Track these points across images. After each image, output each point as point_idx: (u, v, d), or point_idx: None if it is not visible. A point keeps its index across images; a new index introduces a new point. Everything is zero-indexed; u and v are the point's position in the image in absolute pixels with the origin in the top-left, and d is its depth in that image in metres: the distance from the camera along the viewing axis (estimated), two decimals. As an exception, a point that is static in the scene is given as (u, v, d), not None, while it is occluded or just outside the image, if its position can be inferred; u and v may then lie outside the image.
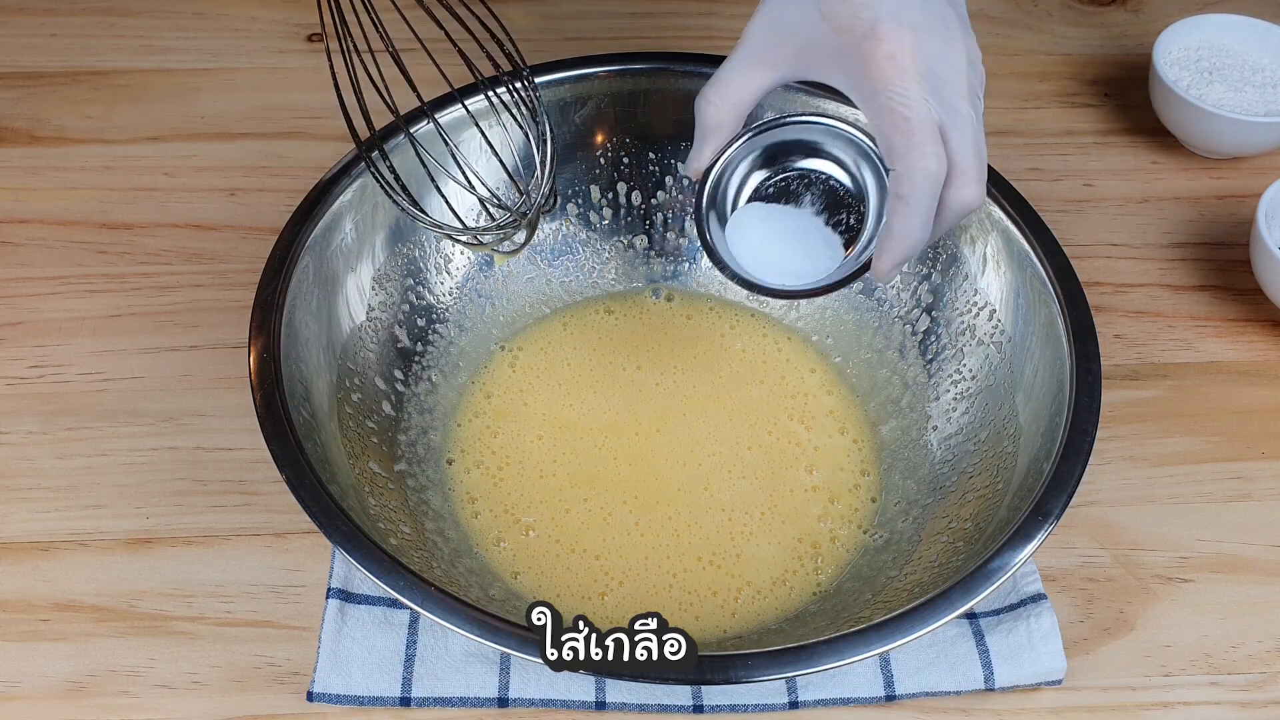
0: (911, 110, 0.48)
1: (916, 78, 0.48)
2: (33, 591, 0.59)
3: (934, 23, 0.49)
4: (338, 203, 0.61)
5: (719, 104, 0.54)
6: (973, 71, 0.50)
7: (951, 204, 0.50)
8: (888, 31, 0.49)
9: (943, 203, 0.50)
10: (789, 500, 0.62)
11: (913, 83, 0.48)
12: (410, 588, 0.49)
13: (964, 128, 0.49)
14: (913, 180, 0.49)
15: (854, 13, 0.49)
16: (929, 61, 0.48)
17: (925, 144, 0.48)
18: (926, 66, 0.48)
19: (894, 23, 0.49)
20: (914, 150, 0.48)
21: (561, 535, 0.60)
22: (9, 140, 0.79)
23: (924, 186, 0.49)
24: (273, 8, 0.89)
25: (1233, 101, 0.78)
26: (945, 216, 0.51)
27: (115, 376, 0.67)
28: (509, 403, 0.65)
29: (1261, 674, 0.58)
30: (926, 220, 0.50)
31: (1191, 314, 0.73)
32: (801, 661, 0.48)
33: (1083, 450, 0.54)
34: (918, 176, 0.49)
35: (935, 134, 0.48)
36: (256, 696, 0.56)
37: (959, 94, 0.49)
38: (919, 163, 0.48)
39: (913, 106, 0.48)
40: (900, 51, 0.48)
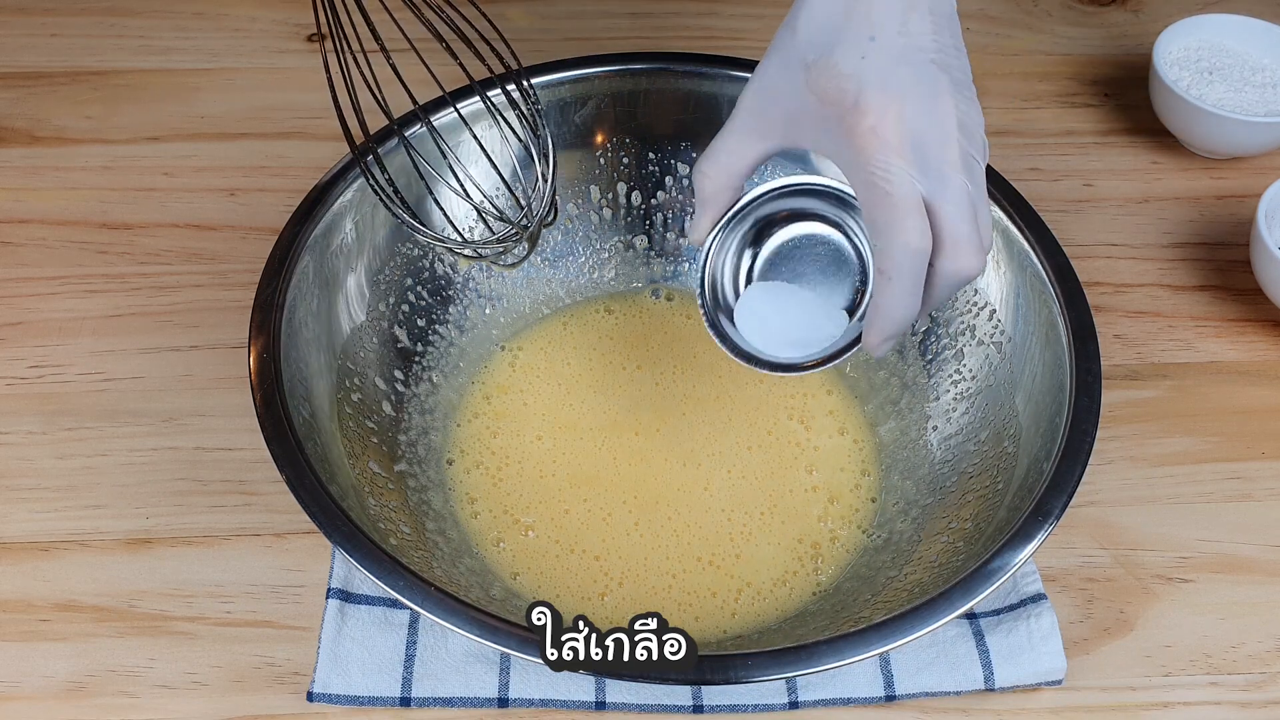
0: (892, 185, 0.47)
1: (899, 151, 0.47)
2: (32, 591, 0.59)
3: (922, 90, 0.48)
4: (338, 203, 0.61)
5: (713, 175, 0.54)
6: (966, 136, 0.48)
7: (945, 274, 0.49)
8: (871, 103, 0.48)
9: (936, 273, 0.49)
10: (789, 500, 0.62)
11: (894, 156, 0.47)
12: (410, 588, 0.49)
13: (954, 197, 0.48)
14: (893, 256, 0.48)
15: (838, 84, 0.48)
16: (914, 132, 0.47)
17: (905, 218, 0.47)
18: (911, 138, 0.47)
19: (878, 93, 0.48)
20: (894, 225, 0.48)
21: (561, 535, 0.60)
22: (9, 140, 0.79)
23: (904, 262, 0.48)
24: (273, 8, 0.89)
25: (1233, 101, 0.78)
26: (940, 286, 0.50)
27: (115, 376, 0.67)
28: (509, 403, 0.65)
29: (1262, 674, 0.58)
30: (911, 295, 0.49)
31: (1191, 314, 0.73)
32: (801, 661, 0.48)
33: (1083, 450, 0.54)
34: (897, 252, 0.48)
35: (917, 208, 0.48)
36: (256, 696, 0.56)
37: (948, 163, 0.48)
38: (898, 238, 0.48)
39: (894, 181, 0.47)
40: (883, 124, 0.47)
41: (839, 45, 0.49)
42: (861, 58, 0.48)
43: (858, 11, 0.49)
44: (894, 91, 0.48)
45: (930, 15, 0.50)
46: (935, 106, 0.48)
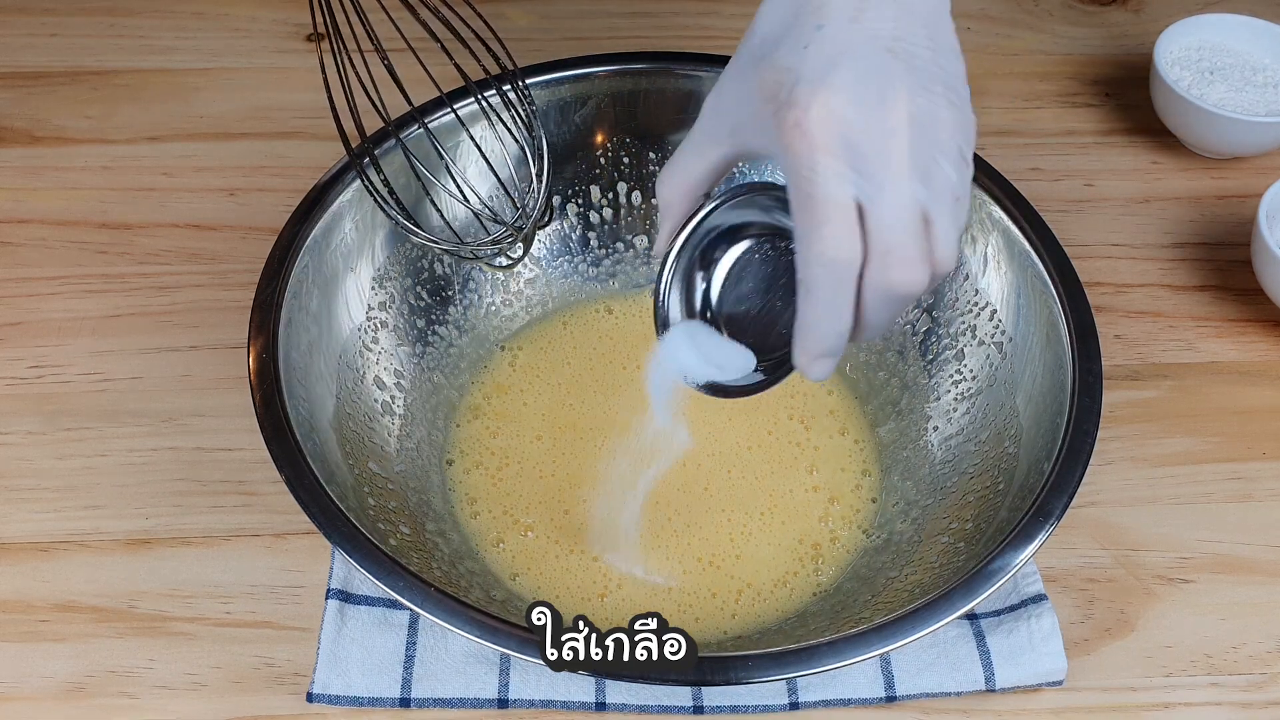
0: (814, 186, 0.43)
1: (826, 148, 0.42)
2: (32, 592, 0.59)
3: (866, 82, 0.43)
4: (337, 203, 0.61)
5: (670, 184, 0.50)
6: (921, 134, 0.43)
7: (875, 287, 0.44)
8: (799, 96, 0.43)
9: (865, 286, 0.44)
10: (789, 500, 0.62)
11: (820, 153, 0.42)
12: (409, 588, 0.49)
13: (890, 201, 0.42)
14: (809, 264, 0.43)
15: (776, 77, 0.44)
16: (846, 128, 0.42)
17: (824, 224, 0.43)
18: (841, 134, 0.42)
19: (810, 87, 0.43)
20: (810, 231, 0.43)
21: (560, 536, 0.60)
22: (9, 140, 0.79)
23: (819, 273, 0.43)
24: (273, 8, 0.89)
25: (1233, 101, 0.78)
26: (871, 303, 0.44)
27: (115, 377, 0.67)
28: (508, 403, 0.65)
29: (1262, 674, 0.58)
30: (835, 310, 0.44)
31: (1192, 314, 0.73)
32: (802, 662, 0.48)
33: (1084, 451, 0.54)
34: (811, 259, 0.43)
35: (839, 213, 0.43)
36: (256, 697, 0.56)
37: (888, 163, 0.42)
38: (815, 245, 0.43)
39: (815, 182, 0.42)
40: (807, 118, 0.42)
41: (786, 38, 0.45)
42: (804, 48, 0.44)
43: (810, 3, 0.45)
44: (828, 83, 0.43)
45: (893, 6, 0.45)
46: (880, 99, 0.43)
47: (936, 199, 0.43)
